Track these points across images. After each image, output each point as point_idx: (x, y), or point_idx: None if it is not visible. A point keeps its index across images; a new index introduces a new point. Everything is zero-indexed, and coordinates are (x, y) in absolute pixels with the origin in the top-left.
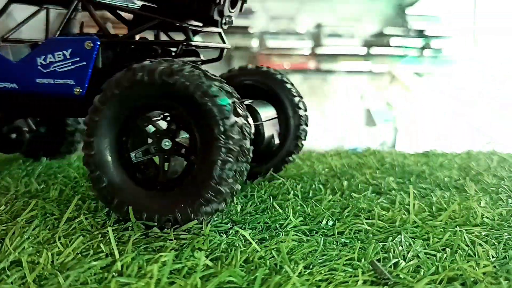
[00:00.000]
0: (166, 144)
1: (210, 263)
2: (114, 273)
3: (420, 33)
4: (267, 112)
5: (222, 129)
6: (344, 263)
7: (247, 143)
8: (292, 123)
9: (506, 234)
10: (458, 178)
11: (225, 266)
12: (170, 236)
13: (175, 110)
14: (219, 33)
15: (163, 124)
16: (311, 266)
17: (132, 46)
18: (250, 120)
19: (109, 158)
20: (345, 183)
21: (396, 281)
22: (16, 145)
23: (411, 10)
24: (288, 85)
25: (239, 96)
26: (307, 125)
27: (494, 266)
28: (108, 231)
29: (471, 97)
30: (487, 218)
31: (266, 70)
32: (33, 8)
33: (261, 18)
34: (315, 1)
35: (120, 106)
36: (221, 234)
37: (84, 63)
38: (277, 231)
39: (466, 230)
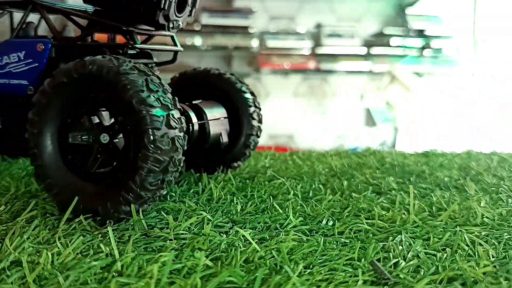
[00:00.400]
0: (104, 138)
1: (210, 263)
2: (114, 273)
3: (420, 33)
4: (216, 112)
5: (152, 139)
6: (344, 263)
7: (179, 155)
8: (244, 119)
9: (506, 234)
10: (458, 178)
11: (225, 266)
12: (170, 236)
13: (115, 108)
14: (172, 37)
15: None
16: (311, 266)
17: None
18: (195, 119)
19: (49, 142)
20: (345, 183)
21: (396, 281)
22: None
23: (411, 10)
24: (238, 85)
25: (180, 108)
26: (259, 121)
27: (494, 266)
28: (108, 231)
29: (471, 97)
30: (487, 218)
31: (213, 72)
32: None
33: (261, 18)
34: (315, 1)
35: (67, 93)
36: (221, 234)
37: (36, 64)
38: (277, 231)
39: (466, 230)
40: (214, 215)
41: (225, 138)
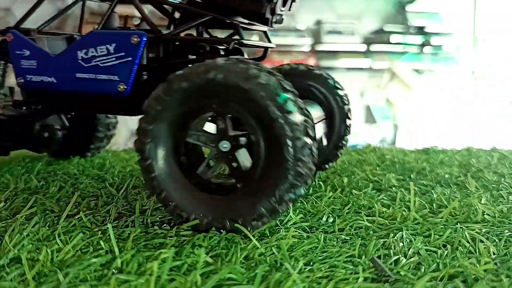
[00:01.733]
0: (225, 146)
1: (210, 260)
2: (114, 270)
3: (420, 30)
4: (317, 113)
5: (292, 150)
6: (345, 260)
7: (313, 166)
8: (337, 119)
9: (507, 231)
10: (458, 175)
11: (225, 263)
12: (171, 233)
13: (238, 114)
14: (265, 32)
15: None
16: (311, 263)
17: (177, 43)
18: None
19: (164, 152)
20: (346, 180)
21: (397, 278)
22: (46, 144)
23: (411, 7)
24: (341, 91)
25: (311, 117)
26: (350, 118)
27: (495, 263)
28: (108, 228)
29: (471, 95)
30: (488, 215)
31: (316, 72)
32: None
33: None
34: None
35: (184, 100)
36: (221, 231)
37: (130, 58)
38: (277, 227)
39: (467, 227)
40: None
41: (324, 141)
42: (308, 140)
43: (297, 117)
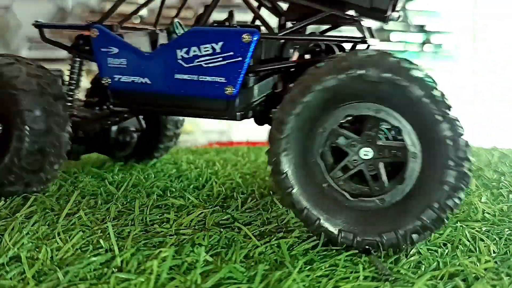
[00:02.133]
0: (366, 154)
1: (210, 259)
2: (113, 269)
3: (421, 29)
4: None
5: (455, 149)
6: (345, 259)
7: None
8: None
9: (507, 229)
10: None
11: (225, 261)
12: (170, 232)
13: (384, 113)
14: (369, 28)
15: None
16: (311, 262)
17: (282, 41)
18: None
19: (302, 163)
20: None
21: (397, 277)
22: (122, 148)
23: (411, 5)
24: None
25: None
26: None
27: (496, 262)
28: (107, 226)
29: (471, 94)
30: (488, 213)
31: None
32: None
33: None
34: None
35: (324, 102)
36: (221, 230)
37: (239, 58)
38: (277, 226)
39: (467, 225)
40: (214, 211)
41: None
42: (464, 139)
43: (455, 113)
